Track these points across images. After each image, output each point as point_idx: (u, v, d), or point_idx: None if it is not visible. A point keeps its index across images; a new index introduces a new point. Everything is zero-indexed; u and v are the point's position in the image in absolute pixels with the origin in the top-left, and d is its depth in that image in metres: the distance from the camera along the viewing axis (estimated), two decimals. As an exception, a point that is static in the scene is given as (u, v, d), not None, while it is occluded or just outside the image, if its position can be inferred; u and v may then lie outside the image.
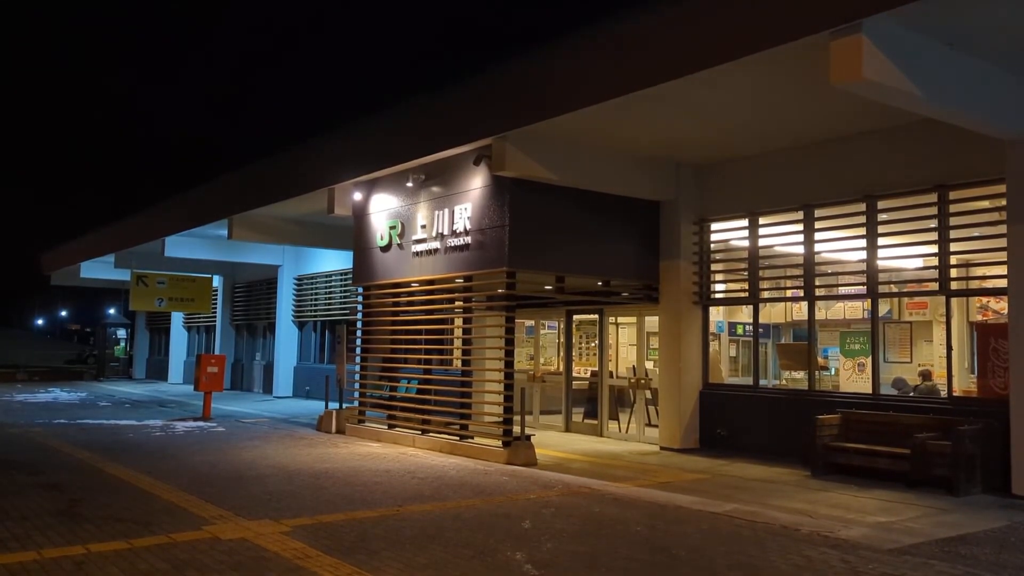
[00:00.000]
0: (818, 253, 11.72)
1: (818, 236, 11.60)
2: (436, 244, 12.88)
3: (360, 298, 15.23)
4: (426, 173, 13.05)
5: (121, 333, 35.93)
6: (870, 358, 11.14)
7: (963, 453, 9.06)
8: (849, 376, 11.83)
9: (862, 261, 11.06)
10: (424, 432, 12.96)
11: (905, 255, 10.90)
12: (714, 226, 13.09)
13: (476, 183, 12.12)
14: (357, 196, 14.75)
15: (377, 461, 11.24)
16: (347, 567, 5.91)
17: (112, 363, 34.59)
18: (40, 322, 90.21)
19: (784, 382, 13.02)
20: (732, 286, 13.21)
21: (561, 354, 15.69)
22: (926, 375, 11.30)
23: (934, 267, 10.31)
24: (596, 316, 14.88)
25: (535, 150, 11.23)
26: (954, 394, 10.22)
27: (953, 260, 10.18)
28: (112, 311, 45.58)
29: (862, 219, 11.01)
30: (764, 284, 12.68)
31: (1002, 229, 9.46)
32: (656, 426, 13.44)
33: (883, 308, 12.30)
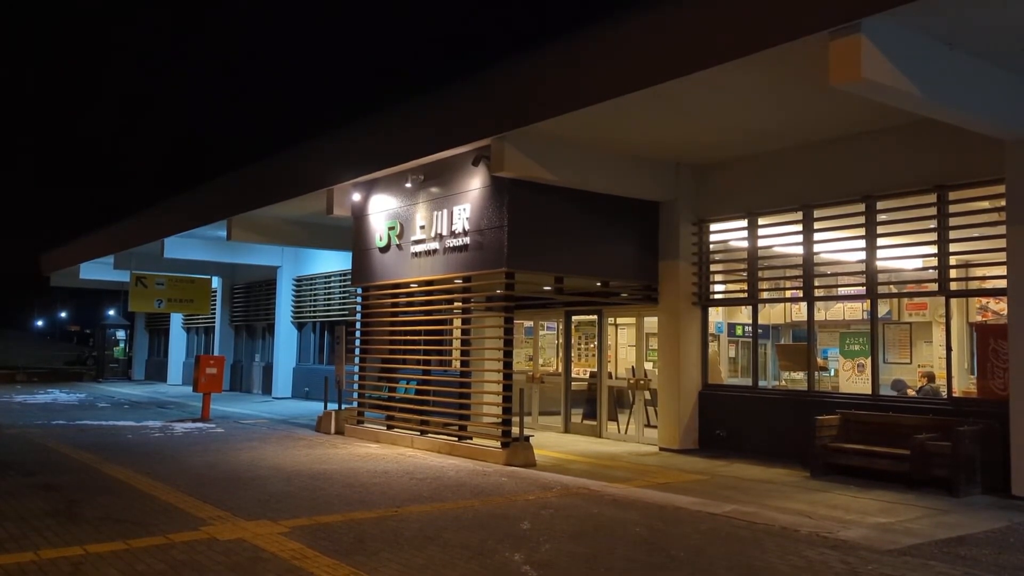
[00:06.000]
0: (817, 254, 11.71)
1: (817, 236, 11.58)
2: (435, 245, 12.86)
3: (359, 299, 15.22)
4: (425, 174, 13.04)
5: (120, 334, 35.89)
6: (869, 359, 11.13)
7: (963, 454, 9.04)
8: (848, 377, 11.81)
9: (861, 262, 11.04)
10: (423, 433, 12.95)
11: (905, 255, 10.89)
12: (713, 227, 13.08)
13: (475, 183, 12.10)
14: (356, 197, 14.74)
15: (376, 462, 11.22)
16: (345, 568, 5.89)
17: (111, 364, 34.58)
18: (39, 323, 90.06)
19: (783, 383, 13.01)
20: (731, 287, 13.20)
21: (560, 355, 15.67)
22: (930, 376, 11.29)
23: (934, 268, 10.29)
24: (595, 317, 14.87)
25: (534, 150, 11.22)
26: (954, 395, 10.20)
27: (953, 260, 10.16)
28: (111, 312, 45.39)
29: (861, 219, 10.99)
30: (763, 285, 12.67)
31: (1002, 229, 9.44)
32: (655, 427, 13.43)
33: (883, 309, 12.29)
